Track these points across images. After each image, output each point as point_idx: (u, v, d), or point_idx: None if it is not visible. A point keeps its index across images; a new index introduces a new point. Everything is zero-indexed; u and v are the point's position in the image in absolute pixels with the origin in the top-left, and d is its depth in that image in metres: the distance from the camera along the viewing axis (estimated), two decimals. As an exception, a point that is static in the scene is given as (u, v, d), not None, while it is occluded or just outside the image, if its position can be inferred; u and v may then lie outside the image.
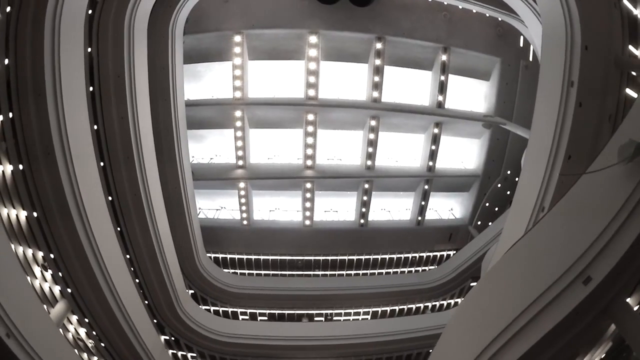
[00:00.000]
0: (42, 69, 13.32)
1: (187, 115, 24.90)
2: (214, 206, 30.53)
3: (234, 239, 30.03)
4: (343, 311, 28.65)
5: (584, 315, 7.55)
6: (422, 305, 28.87)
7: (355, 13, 24.85)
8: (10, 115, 13.38)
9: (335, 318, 28.62)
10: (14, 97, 13.37)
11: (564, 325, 7.66)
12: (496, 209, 29.61)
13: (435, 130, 28.37)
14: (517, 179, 15.76)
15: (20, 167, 13.95)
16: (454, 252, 30.43)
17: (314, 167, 28.67)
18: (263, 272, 30.19)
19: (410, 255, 31.44)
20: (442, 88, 27.33)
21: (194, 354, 24.45)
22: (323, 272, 30.73)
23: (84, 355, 17.19)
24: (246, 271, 30.09)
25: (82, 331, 17.54)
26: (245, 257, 30.01)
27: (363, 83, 27.34)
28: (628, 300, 7.64)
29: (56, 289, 16.01)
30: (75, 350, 15.57)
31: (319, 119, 27.34)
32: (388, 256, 31.20)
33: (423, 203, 30.63)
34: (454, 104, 28.11)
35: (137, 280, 21.31)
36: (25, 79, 13.36)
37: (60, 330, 14.97)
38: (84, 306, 17.01)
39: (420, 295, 28.78)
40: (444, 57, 26.49)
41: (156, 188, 21.27)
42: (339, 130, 28.54)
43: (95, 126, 17.76)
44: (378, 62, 26.18)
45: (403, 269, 31.28)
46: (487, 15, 24.20)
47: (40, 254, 15.19)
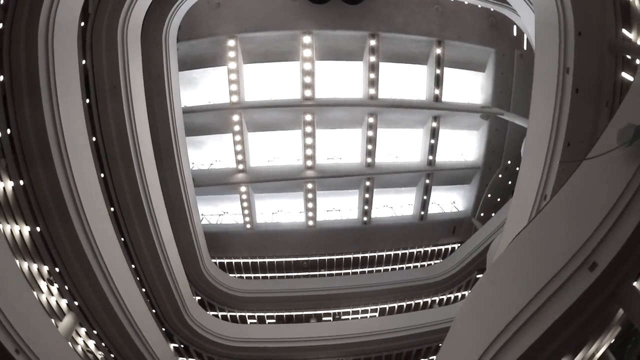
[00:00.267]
0: (38, 83, 13.31)
1: (185, 122, 24.92)
2: (217, 212, 30.54)
3: (238, 244, 30.03)
4: (350, 310, 28.64)
5: (591, 301, 7.52)
6: (430, 299, 28.86)
7: (347, 11, 24.84)
8: (8, 131, 13.40)
9: (343, 317, 28.61)
10: (10, 113, 13.38)
11: (572, 313, 7.64)
12: (498, 200, 29.59)
13: (434, 124, 28.34)
14: (518, 169, 15.75)
15: (21, 183, 13.95)
16: (459, 245, 30.42)
17: (315, 167, 28.66)
18: (269, 275, 30.18)
19: (415, 251, 31.42)
20: (438, 81, 27.30)
21: (204, 360, 24.49)
22: (329, 272, 30.72)
23: (94, 367, 17.23)
24: (252, 275, 30.08)
25: (91, 343, 17.55)
26: (250, 261, 29.99)
27: (359, 81, 27.32)
28: (635, 284, 7.61)
29: (63, 303, 16.01)
30: (85, 363, 15.59)
31: (317, 119, 27.34)
32: (393, 252, 31.17)
33: (425, 197, 30.60)
34: (451, 96, 28.08)
35: (144, 290, 21.31)
36: (21, 93, 13.36)
37: (69, 344, 14.97)
38: (91, 318, 17.01)
39: (427, 289, 28.76)
40: (439, 51, 26.46)
41: (158, 196, 21.27)
42: (338, 129, 28.53)
43: (94, 138, 17.77)
44: (373, 59, 26.17)
45: (408, 265, 31.29)
46: (479, 6, 24.15)
47: (45, 268, 15.20)
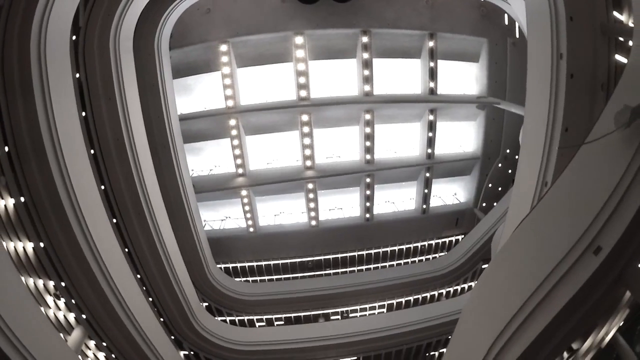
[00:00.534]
0: (33, 99, 13.32)
1: (182, 129, 24.95)
2: (219, 217, 30.53)
3: (242, 248, 30.04)
4: (358, 307, 28.67)
5: (598, 285, 7.53)
6: (437, 292, 28.87)
7: (337, 9, 24.83)
8: (6, 149, 13.40)
9: (351, 315, 28.64)
10: (8, 133, 13.38)
11: (579, 298, 7.65)
12: (499, 189, 29.58)
13: (431, 117, 28.33)
14: (517, 157, 15.75)
15: (22, 199, 13.96)
16: (462, 237, 30.41)
17: (314, 167, 28.65)
18: (275, 277, 30.17)
19: (419, 244, 31.43)
20: (433, 74, 27.27)
21: (215, 366, 24.49)
22: (334, 271, 30.71)
23: (106, 379, 17.26)
24: (258, 278, 30.10)
25: (101, 355, 17.58)
26: (255, 264, 30.01)
27: (353, 78, 27.30)
28: (640, 266, 7.63)
29: (71, 317, 16.03)
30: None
31: (314, 118, 27.33)
32: (397, 247, 31.18)
33: (426, 191, 30.59)
34: (446, 89, 28.05)
35: (150, 299, 21.33)
36: (17, 111, 13.37)
37: (79, 357, 15.00)
38: (100, 330, 17.03)
39: (434, 282, 28.78)
40: (431, 44, 26.44)
41: (159, 205, 21.29)
42: (335, 127, 28.51)
43: (92, 150, 17.79)
44: (366, 56, 26.15)
45: (413, 259, 31.29)
46: (470, -4, 24.20)
47: (51, 284, 15.21)
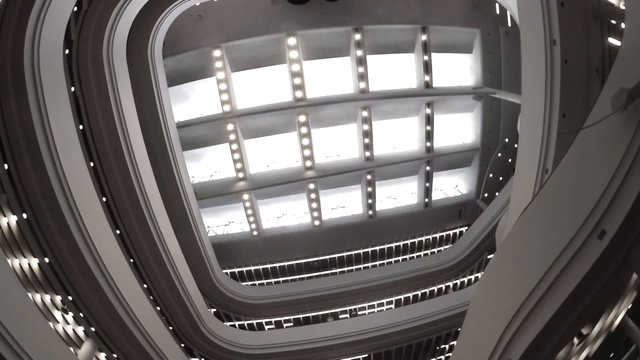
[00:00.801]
0: (30, 116, 13.34)
1: (180, 137, 24.96)
2: (222, 222, 30.53)
3: (247, 252, 30.05)
4: (366, 304, 28.68)
5: (604, 269, 7.51)
6: (444, 285, 28.87)
7: (328, 8, 24.82)
8: (5, 166, 13.42)
9: (359, 313, 28.65)
10: (6, 150, 13.41)
11: (586, 283, 7.63)
12: (500, 179, 29.57)
13: (428, 111, 28.32)
14: (516, 146, 15.73)
15: (25, 216, 13.98)
16: (466, 228, 30.40)
17: (314, 167, 28.65)
18: (281, 279, 30.20)
19: (423, 238, 31.42)
20: (427, 68, 27.25)
21: (227, 371, 24.49)
22: (340, 270, 30.72)
23: (118, 391, 17.27)
24: (264, 281, 30.12)
25: (113, 367, 17.61)
26: (261, 268, 30.02)
27: (348, 76, 27.29)
28: (645, 248, 7.61)
29: (80, 330, 16.06)
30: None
31: (311, 118, 27.32)
32: (402, 243, 31.17)
33: (427, 185, 30.59)
34: (442, 81, 28.04)
35: (158, 308, 21.34)
36: (14, 128, 13.39)
37: (91, 370, 15.03)
38: (110, 342, 17.07)
39: (440, 276, 28.78)
40: (424, 37, 26.41)
41: (162, 214, 21.32)
42: (333, 126, 28.49)
43: (91, 163, 17.81)
44: (360, 53, 26.13)
45: (418, 253, 31.28)
46: (460, -12, 24.17)
47: (58, 298, 15.23)
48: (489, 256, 27.28)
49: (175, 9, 21.12)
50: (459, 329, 16.58)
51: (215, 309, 26.45)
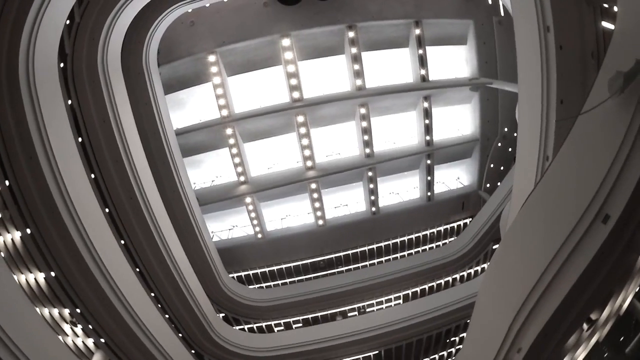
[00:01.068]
0: (28, 131, 13.35)
1: (180, 144, 24.97)
2: (226, 227, 30.55)
3: (253, 255, 30.05)
4: (374, 301, 28.69)
5: (610, 254, 7.51)
6: (450, 278, 28.87)
7: (320, 8, 24.79)
8: (7, 183, 13.44)
9: (368, 310, 28.65)
10: (6, 165, 13.42)
11: (592, 268, 7.63)
12: (502, 168, 29.55)
13: (425, 105, 28.29)
14: (516, 135, 15.70)
15: (28, 231, 13.99)
16: (470, 220, 30.39)
17: (315, 167, 28.63)
18: (288, 281, 30.21)
19: (428, 232, 31.42)
20: (423, 61, 27.22)
21: (238, 376, 24.51)
22: (347, 268, 30.73)
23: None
24: (271, 283, 30.13)
25: (124, 377, 17.62)
26: (267, 270, 30.02)
27: (344, 74, 27.27)
28: (650, 230, 7.59)
29: (89, 342, 16.08)
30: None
31: (309, 118, 27.30)
32: (407, 237, 31.17)
33: (429, 178, 30.57)
34: (438, 74, 27.99)
35: (167, 316, 21.38)
36: (13, 144, 13.40)
37: (103, 381, 15.05)
38: (120, 352, 17.09)
39: (446, 269, 28.78)
40: (418, 31, 26.37)
41: (165, 222, 21.33)
42: (331, 125, 28.48)
43: (92, 174, 17.82)
44: (354, 51, 26.11)
45: (424, 247, 31.30)
46: (451, -20, 24.13)
47: (66, 311, 15.25)
48: (494, 246, 27.26)
49: (167, 17, 21.11)
50: (468, 321, 16.58)
51: (223, 314, 26.47)
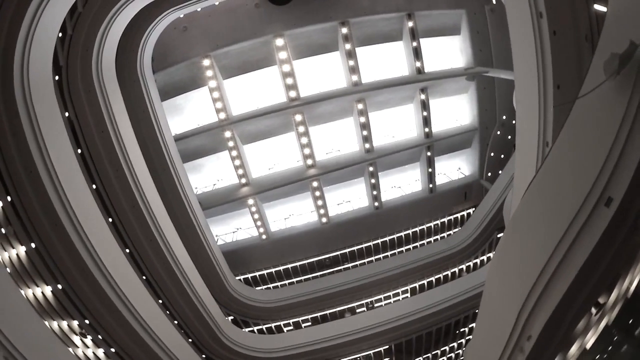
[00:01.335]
0: (27, 146, 13.36)
1: (179, 149, 24.99)
2: (230, 230, 30.56)
3: (258, 256, 30.07)
4: (382, 296, 28.70)
5: (614, 236, 7.47)
6: (457, 269, 28.86)
7: (312, 6, 24.76)
8: (9, 198, 13.45)
9: (376, 305, 28.66)
10: (7, 180, 13.43)
11: (598, 252, 7.60)
12: (502, 156, 29.51)
13: (422, 97, 28.25)
14: (514, 122, 15.68)
15: (33, 245, 14.01)
16: (473, 209, 30.35)
17: (316, 165, 28.63)
18: (295, 280, 30.22)
19: (432, 224, 31.39)
20: (417, 54, 27.18)
21: (251, 377, 24.54)
22: (353, 264, 30.72)
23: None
24: (278, 283, 30.13)
25: (137, 385, 17.65)
26: (273, 270, 30.03)
27: (340, 70, 27.26)
28: (655, 211, 7.56)
29: (100, 352, 16.10)
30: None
31: (307, 117, 27.28)
32: (411, 231, 31.17)
33: (430, 170, 30.56)
34: (433, 66, 27.97)
35: (176, 322, 21.40)
36: (13, 160, 13.41)
37: (116, 391, 15.09)
38: (131, 361, 17.13)
39: (452, 260, 28.77)
40: (411, 24, 26.33)
41: (169, 228, 21.34)
42: (330, 122, 28.49)
43: (94, 185, 17.83)
44: (348, 47, 26.08)
45: (429, 239, 31.28)
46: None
47: (75, 323, 15.27)
48: (498, 235, 27.23)
49: (159, 23, 21.10)
50: (477, 311, 16.58)
51: (232, 317, 26.49)
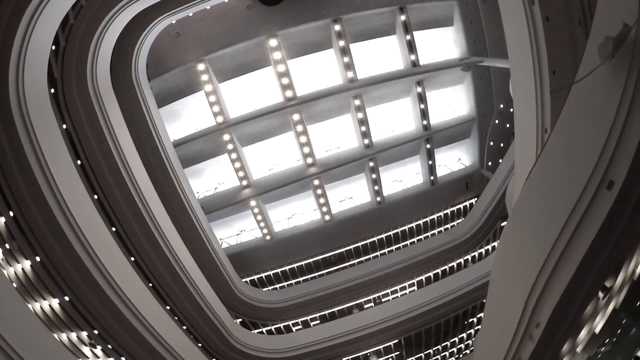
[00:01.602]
0: (27, 160, 13.37)
1: (179, 155, 24.99)
2: (234, 232, 30.59)
3: (263, 257, 30.10)
4: (389, 291, 28.73)
5: (618, 220, 7.46)
6: (462, 260, 28.87)
7: (303, 5, 24.73)
8: (11, 213, 13.47)
9: (384, 300, 28.69)
10: (8, 195, 13.45)
11: (602, 236, 7.59)
12: (502, 145, 29.49)
13: (419, 90, 28.22)
14: (512, 110, 15.66)
15: (38, 259, 14.03)
16: (475, 200, 30.37)
17: (316, 163, 28.63)
18: (301, 279, 30.25)
19: (435, 216, 31.41)
20: (412, 47, 27.13)
21: (262, 379, 24.57)
22: (358, 260, 30.75)
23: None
24: (284, 283, 30.17)
25: (149, 393, 17.68)
26: (279, 271, 30.06)
27: (335, 68, 27.22)
28: (656, 192, 7.54)
29: (111, 362, 16.15)
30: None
31: (305, 116, 27.27)
32: (414, 224, 31.19)
33: (430, 162, 30.55)
34: (428, 58, 27.91)
35: (184, 327, 21.43)
36: (14, 175, 13.43)
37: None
38: (142, 369, 17.15)
39: (457, 251, 28.78)
40: (403, 17, 26.27)
41: (173, 234, 21.36)
42: (328, 120, 28.47)
43: (95, 195, 17.86)
44: (342, 43, 26.04)
45: (432, 232, 31.29)
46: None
47: (84, 334, 15.30)
48: (502, 224, 27.24)
49: (152, 30, 21.08)
50: (484, 301, 16.58)
51: (240, 319, 26.53)
